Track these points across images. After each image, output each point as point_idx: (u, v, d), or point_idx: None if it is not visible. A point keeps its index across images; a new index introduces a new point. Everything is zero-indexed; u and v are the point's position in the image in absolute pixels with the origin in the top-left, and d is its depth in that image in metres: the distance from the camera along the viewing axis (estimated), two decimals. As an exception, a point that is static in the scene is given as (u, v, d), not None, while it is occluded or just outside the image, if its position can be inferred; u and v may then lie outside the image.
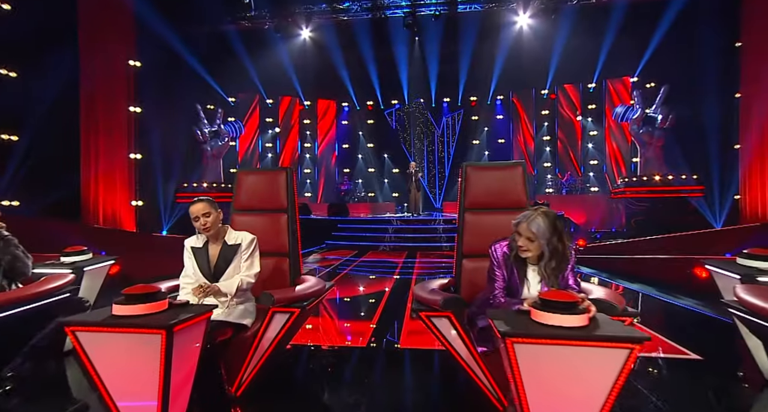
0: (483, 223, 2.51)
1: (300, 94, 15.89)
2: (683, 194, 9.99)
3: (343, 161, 16.66)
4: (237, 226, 2.60)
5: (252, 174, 2.79)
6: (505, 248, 1.87)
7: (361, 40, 13.07)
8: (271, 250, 2.61)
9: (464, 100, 15.96)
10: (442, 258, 7.70)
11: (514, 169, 2.56)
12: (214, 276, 2.10)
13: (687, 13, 10.52)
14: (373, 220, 9.27)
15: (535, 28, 12.55)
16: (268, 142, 15.80)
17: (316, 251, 8.66)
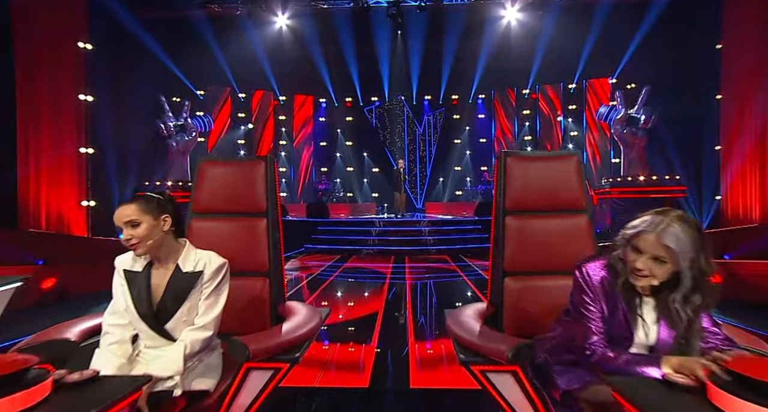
0: (530, 230, 1.89)
1: (275, 89, 14.94)
2: (667, 195, 9.86)
3: (320, 160, 15.83)
4: (196, 236, 1.87)
5: (219, 165, 2.05)
6: (603, 271, 1.24)
7: (341, 32, 12.32)
8: (244, 268, 1.89)
9: (446, 99, 15.50)
10: (433, 263, 7.10)
11: (568, 161, 1.95)
12: (156, 318, 1.36)
13: (667, 16, 10.43)
14: (356, 221, 8.57)
15: (520, 25, 12.22)
16: (240, 138, 14.76)
17: (295, 255, 7.87)
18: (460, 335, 1.49)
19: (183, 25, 10.81)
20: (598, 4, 11.23)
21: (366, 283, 5.67)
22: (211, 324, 1.37)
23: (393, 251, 7.60)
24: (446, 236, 7.89)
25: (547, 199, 1.92)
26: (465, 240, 7.85)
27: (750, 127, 8.64)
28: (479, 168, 15.42)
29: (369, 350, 2.99)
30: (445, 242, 7.79)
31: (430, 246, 7.76)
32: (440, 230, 8.04)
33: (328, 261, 7.30)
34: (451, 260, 7.21)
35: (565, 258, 1.88)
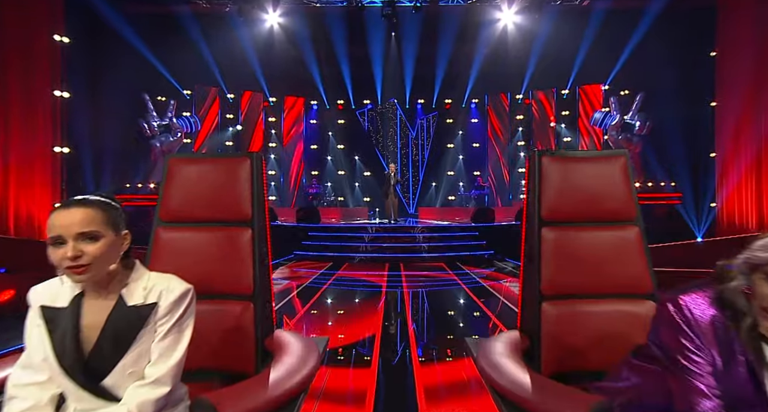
0: (572, 244, 1.57)
1: (265, 89, 14.51)
2: (662, 202, 9.75)
3: (311, 163, 15.43)
4: (164, 250, 1.50)
5: (194, 162, 1.69)
6: (712, 308, 0.92)
7: (334, 32, 12.01)
8: (223, 290, 1.53)
9: (439, 103, 15.28)
10: (429, 271, 6.77)
11: (614, 162, 1.64)
12: (89, 372, 0.95)
13: (661, 23, 10.40)
14: (349, 226, 8.21)
15: (515, 30, 12.09)
16: (228, 140, 14.29)
17: (284, 263, 7.46)
18: (502, 386, 1.15)
19: (169, 21, 10.36)
20: (593, 10, 11.16)
21: (361, 295, 5.30)
22: (168, 376, 0.98)
23: (387, 258, 7.25)
24: (442, 243, 7.58)
25: (592, 208, 1.60)
26: (461, 247, 7.55)
27: (745, 135, 8.58)
28: (472, 173, 15.22)
29: (369, 376, 2.63)
30: (440, 249, 7.48)
31: (425, 253, 7.43)
32: (436, 237, 7.73)
33: (319, 269, 6.91)
34: (448, 268, 6.90)
35: (613, 278, 1.57)
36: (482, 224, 8.05)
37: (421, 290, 5.42)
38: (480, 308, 4.51)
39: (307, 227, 8.07)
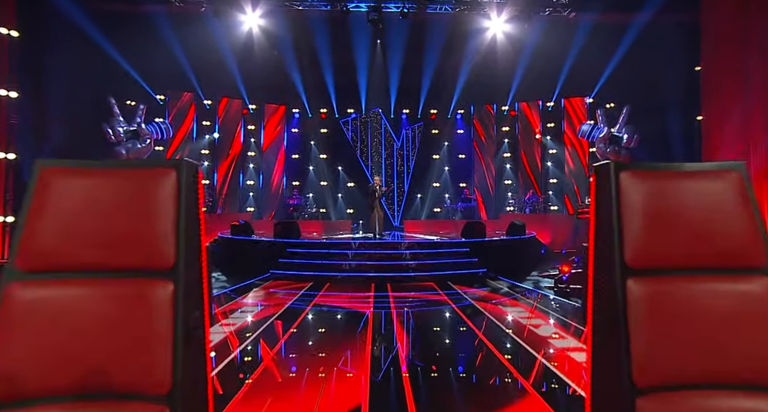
0: (675, 305, 1.02)
1: (244, 96, 13.85)
2: (654, 216, 9.50)
3: (292, 173, 14.75)
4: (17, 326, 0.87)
5: (83, 176, 1.07)
6: None
7: (317, 38, 11.51)
8: (127, 389, 0.90)
9: (424, 113, 14.92)
10: (419, 292, 6.19)
11: (726, 179, 1.11)
12: None
13: (647, 37, 10.36)
14: (331, 243, 7.56)
15: (503, 39, 11.88)
16: (203, 148, 13.50)
17: (259, 283, 6.74)
18: None
19: (140, 21, 9.63)
20: (579, 22, 11.05)
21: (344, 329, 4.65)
22: None
23: (372, 278, 6.63)
24: (431, 260, 7.02)
25: (699, 249, 1.06)
26: (452, 265, 7.01)
27: (733, 150, 8.45)
28: (458, 184, 14.85)
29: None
30: (430, 267, 6.91)
31: (413, 272, 6.84)
32: (424, 254, 7.17)
33: (297, 289, 6.24)
34: (438, 288, 6.34)
35: (742, 359, 1.02)
36: (473, 240, 7.55)
37: (413, 321, 4.82)
38: (473, 332, 3.96)
39: (285, 242, 7.38)
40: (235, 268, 7.73)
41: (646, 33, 10.31)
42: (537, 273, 8.43)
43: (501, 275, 7.07)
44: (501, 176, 14.59)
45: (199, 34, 10.28)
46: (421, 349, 3.73)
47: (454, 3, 9.69)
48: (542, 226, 11.67)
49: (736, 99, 8.41)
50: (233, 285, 6.65)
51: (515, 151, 14.44)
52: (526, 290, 6.43)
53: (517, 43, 11.60)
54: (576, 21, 11.11)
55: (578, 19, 11.04)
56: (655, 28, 10.17)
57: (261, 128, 14.47)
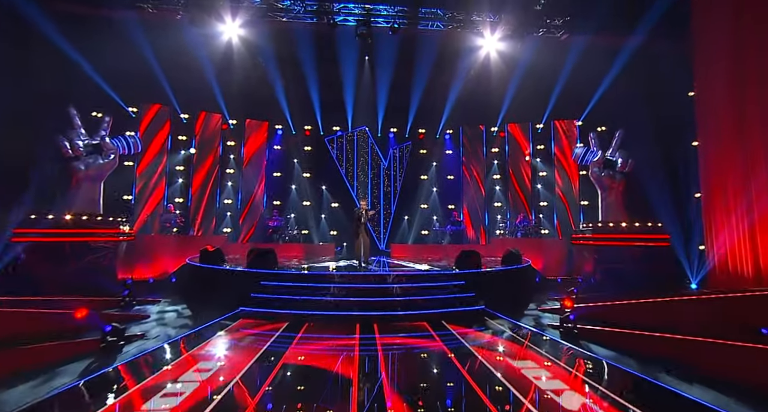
0: None
1: (224, 111, 13.08)
2: (650, 243, 9.03)
3: (273, 192, 13.88)
4: None
5: None
6: None
7: (302, 52, 10.93)
8: None
9: (412, 132, 14.41)
10: (410, 334, 5.38)
11: None
12: None
13: (639, 61, 10.17)
14: (310, 275, 6.69)
15: (493, 61, 11.55)
16: (178, 165, 12.57)
17: (227, 322, 5.81)
18: None
19: (109, 27, 8.84)
20: (572, 45, 10.80)
21: (326, 383, 3.79)
22: None
23: (357, 318, 5.78)
24: (423, 296, 6.23)
25: None
26: (447, 302, 6.24)
27: (733, 177, 8.09)
28: (447, 206, 14.26)
29: None
30: (422, 304, 6.12)
31: (403, 311, 6.02)
32: (416, 288, 6.37)
33: (271, 332, 5.34)
34: (431, 329, 5.54)
35: None
36: (469, 271, 6.82)
37: (404, 377, 4.00)
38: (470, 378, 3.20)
39: (259, 273, 6.49)
40: (203, 301, 6.77)
41: (638, 57, 10.13)
42: (535, 306, 7.74)
43: (497, 310, 6.32)
44: (491, 199, 14.08)
45: (175, 44, 9.55)
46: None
47: (446, 20, 9.27)
48: (535, 251, 11.07)
49: (732, 126, 8.11)
50: (197, 325, 5.70)
51: (505, 173, 14.00)
52: (529, 331, 5.69)
53: (508, 64, 11.27)
54: (568, 43, 10.88)
55: (570, 41, 10.81)
56: (647, 51, 10.00)
57: (241, 145, 13.66)
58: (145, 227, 10.97)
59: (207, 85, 11.73)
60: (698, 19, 8.71)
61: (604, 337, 5.36)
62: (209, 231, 12.56)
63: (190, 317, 6.41)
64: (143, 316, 6.19)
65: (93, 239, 7.98)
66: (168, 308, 6.98)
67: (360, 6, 8.54)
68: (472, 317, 6.10)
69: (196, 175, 12.76)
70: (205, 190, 12.85)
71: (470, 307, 6.14)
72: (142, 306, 6.98)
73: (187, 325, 5.87)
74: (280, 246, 12.22)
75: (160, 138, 12.10)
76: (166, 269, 9.60)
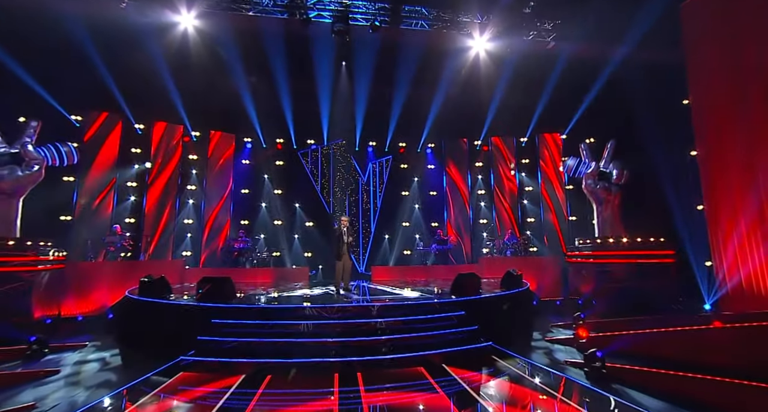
0: None
1: (185, 121, 11.69)
2: (654, 260, 8.23)
3: (240, 211, 12.43)
4: None
5: None
6: None
7: (272, 54, 9.83)
8: None
9: (392, 146, 13.44)
10: (405, 388, 4.11)
11: None
12: None
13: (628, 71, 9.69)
14: (273, 310, 5.32)
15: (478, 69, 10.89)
16: (131, 180, 10.98)
17: (162, 377, 4.36)
18: None
19: (41, 20, 7.47)
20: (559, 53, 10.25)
21: None
22: None
23: (335, 366, 4.46)
24: (417, 333, 4.99)
25: None
26: (445, 339, 5.02)
27: (739, 186, 7.47)
28: (430, 224, 13.21)
29: None
30: (416, 343, 4.87)
31: (393, 354, 4.73)
32: (407, 322, 5.13)
33: (222, 389, 3.95)
34: (430, 376, 4.31)
35: None
36: (469, 298, 5.67)
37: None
38: None
39: (209, 309, 5.09)
40: (138, 345, 5.27)
41: (627, 65, 9.65)
42: (540, 335, 6.65)
43: (501, 343, 5.16)
44: (476, 215, 13.16)
45: (123, 39, 8.23)
46: None
47: (431, 19, 8.48)
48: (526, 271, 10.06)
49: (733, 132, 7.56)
50: (121, 384, 4.22)
51: (489, 188, 13.17)
52: (551, 373, 4.55)
53: (494, 71, 10.60)
54: (556, 52, 10.33)
55: (558, 50, 10.27)
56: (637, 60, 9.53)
57: (205, 159, 12.21)
58: (85, 251, 9.26)
59: (164, 91, 10.39)
60: (689, 26, 8.29)
61: (641, 378, 4.28)
62: (166, 255, 10.91)
63: (117, 369, 4.89)
64: (51, 371, 4.63)
65: (10, 268, 6.34)
66: (92, 356, 5.42)
67: (336, 1, 7.59)
68: (477, 356, 4.91)
69: (151, 192, 11.18)
70: (162, 210, 11.27)
71: (476, 344, 4.95)
72: (58, 354, 5.38)
73: (108, 383, 4.36)
74: (247, 271, 10.71)
75: (108, 150, 10.55)
76: (105, 302, 7.93)
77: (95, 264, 8.61)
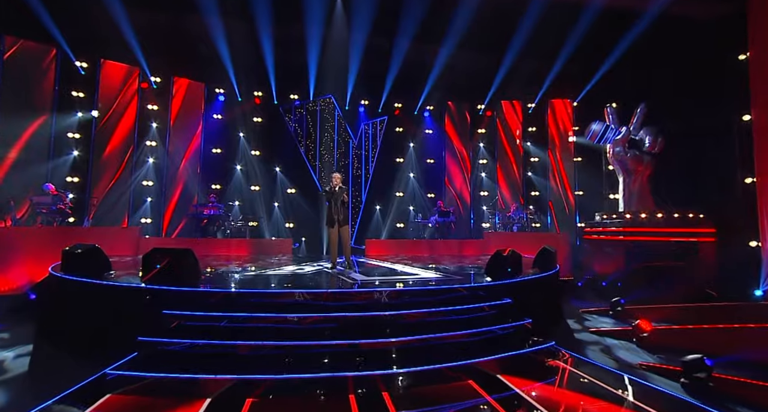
0: None
1: (142, 63, 9.45)
2: (692, 239, 7.15)
3: (210, 173, 10.48)
4: None
5: None
6: None
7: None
8: None
9: (387, 106, 11.68)
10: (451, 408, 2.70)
11: None
12: None
13: (664, 25, 8.28)
14: (255, 294, 3.69)
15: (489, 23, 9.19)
16: (73, 129, 8.79)
17: (76, 399, 2.70)
18: None
19: None
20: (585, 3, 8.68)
21: None
22: None
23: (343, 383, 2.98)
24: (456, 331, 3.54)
25: None
26: (493, 339, 3.61)
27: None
28: (426, 195, 11.75)
29: None
30: (456, 345, 3.44)
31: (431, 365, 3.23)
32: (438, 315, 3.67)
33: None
34: (485, 392, 2.94)
35: None
36: (515, 280, 4.28)
37: None
38: None
39: (160, 293, 3.44)
40: (60, 344, 3.59)
41: (664, 20, 8.23)
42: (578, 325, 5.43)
43: (542, 335, 3.84)
44: (477, 187, 11.80)
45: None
46: None
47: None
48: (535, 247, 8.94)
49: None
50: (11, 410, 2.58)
51: (492, 158, 11.78)
52: (644, 388, 3.26)
53: (505, 27, 8.97)
54: (580, 3, 8.76)
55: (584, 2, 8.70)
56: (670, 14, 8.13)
57: (167, 110, 10.06)
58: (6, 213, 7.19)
59: (115, 22, 8.17)
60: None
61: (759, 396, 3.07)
62: (120, 222, 8.95)
63: (13, 382, 3.19)
64: None
65: None
66: (-11, 357, 3.68)
67: None
68: (534, 360, 3.55)
69: (99, 147, 9.05)
70: (114, 169, 9.20)
71: (538, 345, 3.57)
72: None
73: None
74: (219, 242, 8.96)
75: (39, 91, 8.26)
76: (30, 278, 6.05)
77: (17, 230, 6.62)
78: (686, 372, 3.31)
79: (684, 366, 3.34)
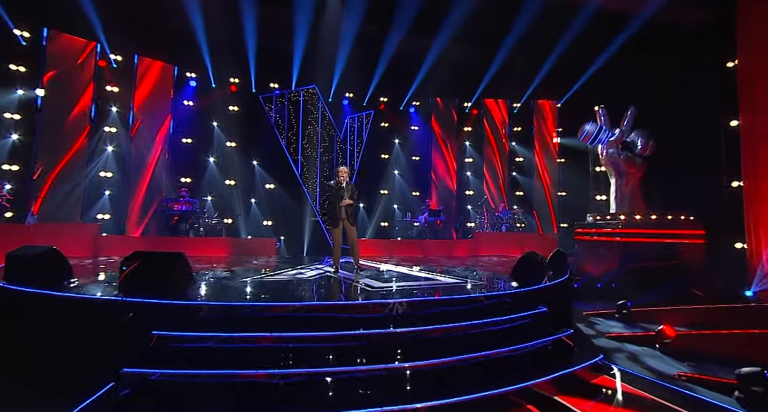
0: None
1: (100, 37, 8.25)
2: (683, 240, 7.24)
3: (181, 165, 9.41)
4: None
5: None
6: None
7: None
8: None
9: (372, 100, 11.13)
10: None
11: None
12: None
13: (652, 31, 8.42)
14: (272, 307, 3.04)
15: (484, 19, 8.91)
16: (12, 109, 7.46)
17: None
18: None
19: None
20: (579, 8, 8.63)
21: None
22: None
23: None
24: (501, 348, 3.09)
25: None
26: (538, 354, 3.21)
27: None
28: (411, 193, 11.33)
29: None
30: (502, 361, 2.99)
31: (478, 392, 2.72)
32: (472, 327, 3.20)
33: None
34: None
35: None
36: (537, 287, 3.92)
37: None
38: None
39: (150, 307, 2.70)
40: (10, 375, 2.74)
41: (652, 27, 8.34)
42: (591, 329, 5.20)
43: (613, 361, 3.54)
44: (463, 186, 11.55)
45: None
46: None
47: None
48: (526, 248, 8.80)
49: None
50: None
51: (479, 157, 11.58)
52: (705, 404, 2.99)
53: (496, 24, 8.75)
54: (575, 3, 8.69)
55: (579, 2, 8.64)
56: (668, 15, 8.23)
57: (131, 93, 8.89)
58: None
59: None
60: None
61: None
62: (73, 218, 7.74)
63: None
64: None
65: None
66: None
67: None
68: (580, 376, 3.19)
69: (46, 130, 7.77)
70: (65, 155, 7.96)
71: (589, 360, 3.21)
72: None
73: None
74: (192, 241, 8.00)
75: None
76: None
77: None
78: (742, 385, 3.09)
79: (739, 379, 3.11)
